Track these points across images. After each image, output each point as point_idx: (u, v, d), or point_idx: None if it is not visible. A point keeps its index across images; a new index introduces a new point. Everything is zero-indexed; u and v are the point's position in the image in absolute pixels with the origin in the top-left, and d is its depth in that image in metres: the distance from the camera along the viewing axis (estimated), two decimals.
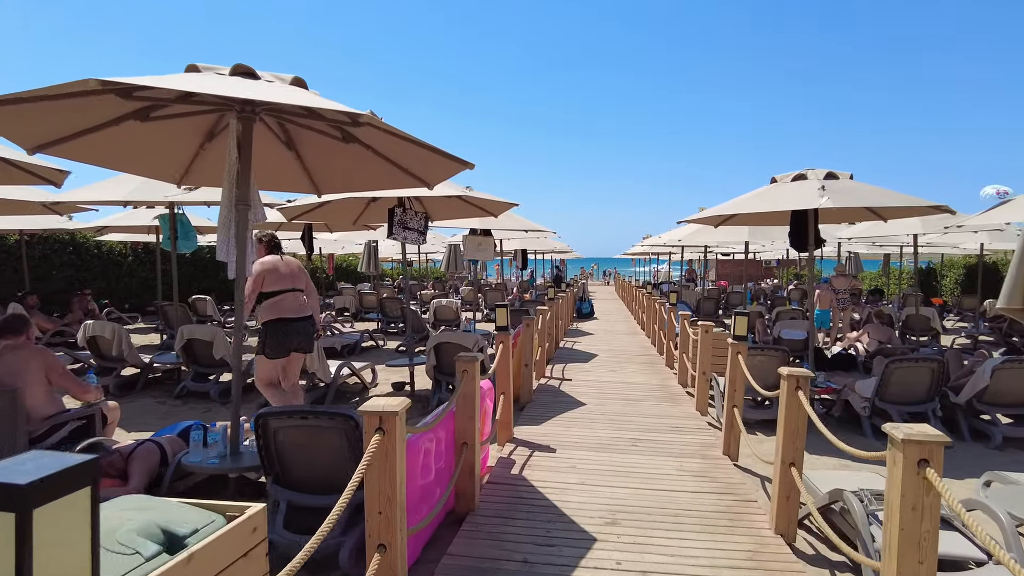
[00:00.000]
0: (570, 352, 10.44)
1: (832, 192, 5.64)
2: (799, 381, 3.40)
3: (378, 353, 10.85)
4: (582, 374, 8.36)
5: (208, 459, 3.64)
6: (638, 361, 9.61)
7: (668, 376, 8.37)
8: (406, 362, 7.15)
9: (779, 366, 6.45)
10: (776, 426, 3.58)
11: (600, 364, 9.23)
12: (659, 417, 6.09)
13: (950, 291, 20.46)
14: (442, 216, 8.16)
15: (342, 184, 4.99)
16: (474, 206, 7.51)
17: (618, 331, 14.06)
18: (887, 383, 5.91)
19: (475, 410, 3.59)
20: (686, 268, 33.99)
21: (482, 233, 10.25)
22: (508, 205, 7.15)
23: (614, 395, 7.05)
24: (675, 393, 7.28)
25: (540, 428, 5.58)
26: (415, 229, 7.01)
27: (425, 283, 28.97)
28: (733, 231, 8.87)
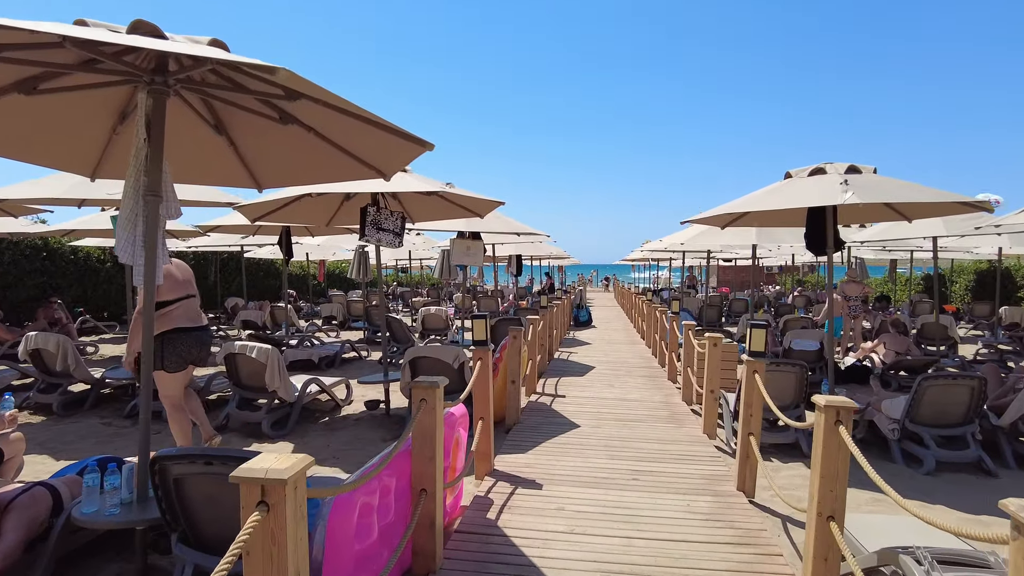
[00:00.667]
0: (564, 364, 9.74)
1: (856, 187, 4.97)
2: (840, 413, 2.70)
3: (360, 365, 10.14)
4: (577, 390, 7.65)
5: (106, 509, 2.94)
6: (638, 374, 8.91)
7: (671, 392, 7.67)
8: (380, 378, 6.45)
9: (796, 382, 5.79)
10: (794, 450, 2.88)
11: (597, 378, 8.52)
12: (662, 442, 5.38)
13: (960, 297, 19.78)
14: (423, 217, 7.47)
15: (286, 176, 4.31)
16: (456, 205, 6.83)
17: (616, 340, 13.36)
18: (919, 403, 5.21)
19: (436, 448, 2.89)
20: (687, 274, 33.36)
21: (471, 236, 9.58)
22: (493, 204, 6.48)
23: (611, 415, 6.34)
24: (679, 412, 6.57)
25: (526, 457, 4.86)
26: (390, 230, 6.34)
27: (420, 290, 28.28)
28: (740, 233, 8.20)
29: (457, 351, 5.76)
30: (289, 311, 13.36)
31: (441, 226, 9.05)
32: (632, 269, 43.48)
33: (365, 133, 3.45)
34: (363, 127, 3.39)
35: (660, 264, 27.10)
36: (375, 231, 6.21)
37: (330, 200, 7.03)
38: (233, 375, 6.22)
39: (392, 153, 3.63)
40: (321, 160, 4.04)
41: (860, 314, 12.00)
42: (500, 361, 5.94)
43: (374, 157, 3.78)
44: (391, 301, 25.66)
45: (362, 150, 3.73)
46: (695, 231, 8.81)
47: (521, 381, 6.36)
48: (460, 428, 3.78)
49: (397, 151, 3.57)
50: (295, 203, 6.71)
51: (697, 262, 28.15)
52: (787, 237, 8.39)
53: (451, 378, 5.83)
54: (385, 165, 3.87)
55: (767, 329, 4.15)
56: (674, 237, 9.47)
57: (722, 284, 35.95)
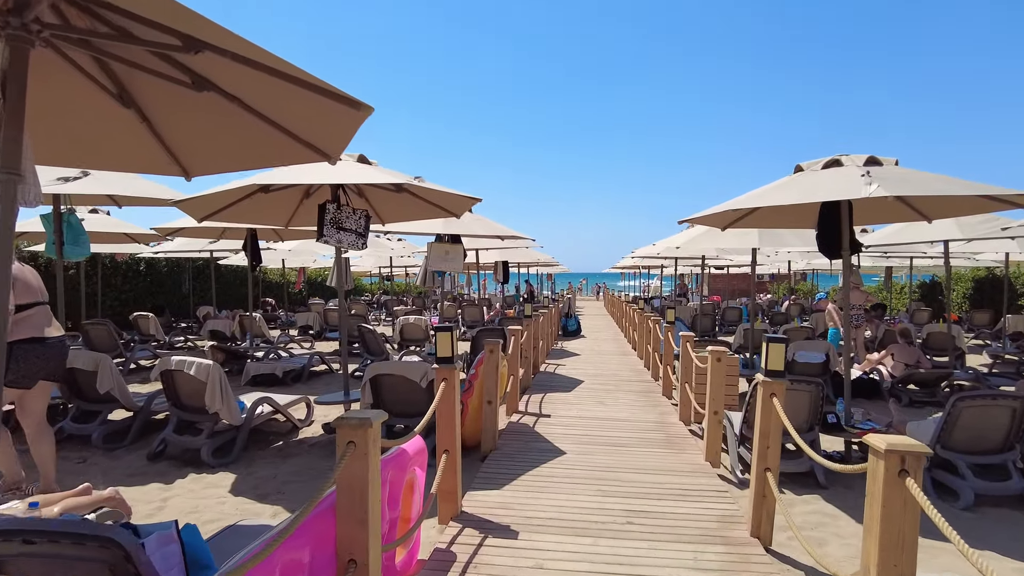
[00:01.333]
0: (551, 379, 9.02)
1: (881, 179, 4.33)
2: (906, 460, 2.01)
3: (330, 380, 9.37)
4: (563, 407, 6.94)
5: None
6: (630, 389, 8.21)
7: (666, 410, 6.97)
8: (341, 397, 5.71)
9: (810, 402, 5.10)
10: (808, 479, 2.19)
11: (586, 393, 7.82)
12: (660, 473, 4.67)
13: (958, 306, 19.32)
14: (394, 217, 6.77)
15: (215, 160, 3.58)
16: (428, 203, 6.14)
17: (607, 351, 12.68)
18: (953, 426, 4.56)
19: (369, 506, 2.17)
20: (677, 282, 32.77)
21: (449, 240, 8.89)
22: (469, 201, 5.78)
23: (602, 438, 5.63)
24: (676, 435, 5.88)
25: (501, 495, 4.13)
26: (352, 230, 5.62)
27: (405, 298, 27.48)
28: (741, 236, 7.57)
29: (426, 368, 5.04)
30: (259, 321, 12.57)
31: (419, 229, 8.36)
32: (621, 277, 42.95)
33: (293, 98, 2.74)
34: (289, 91, 2.69)
35: (651, 272, 26.49)
36: (335, 231, 5.50)
37: (287, 197, 6.31)
38: (171, 394, 5.46)
39: (329, 123, 2.93)
40: (253, 139, 3.33)
41: (863, 324, 11.42)
42: (475, 379, 5.23)
43: (309, 131, 3.07)
44: (374, 310, 24.87)
45: (294, 121, 3.02)
46: (691, 235, 8.17)
47: (500, 400, 5.65)
48: (415, 467, 3.06)
49: (334, 121, 2.86)
50: (246, 200, 5.99)
51: (688, 270, 27.61)
52: (792, 240, 7.76)
53: (419, 399, 5.11)
54: (324, 141, 3.16)
55: (784, 345, 3.48)
56: (669, 241, 8.83)
57: (713, 292, 35.42)
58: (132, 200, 6.62)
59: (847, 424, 5.30)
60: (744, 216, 6.21)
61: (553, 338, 13.66)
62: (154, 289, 18.45)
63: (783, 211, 6.21)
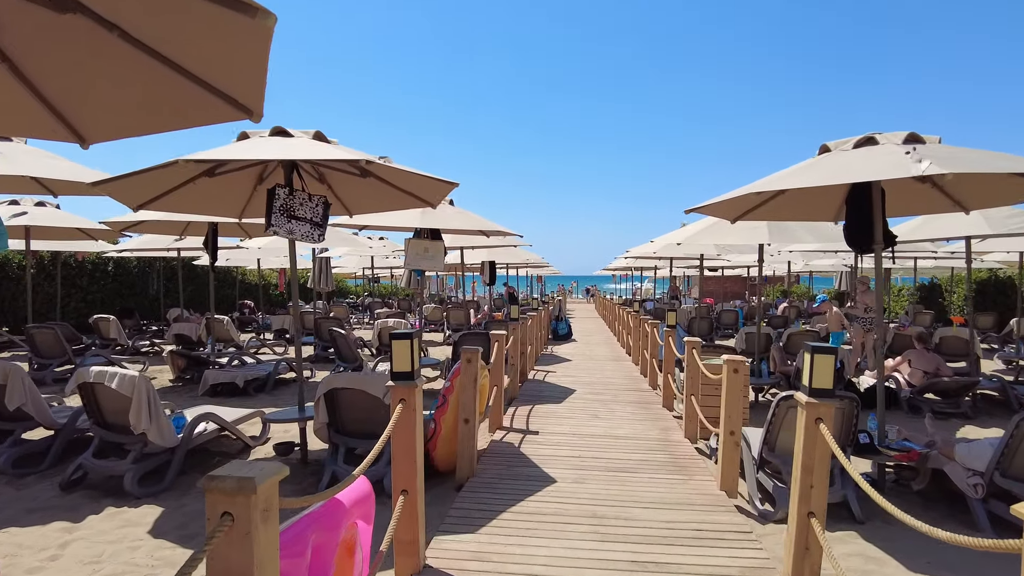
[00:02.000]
0: (540, 388, 8.26)
1: (931, 156, 3.63)
2: None
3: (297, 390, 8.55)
4: (554, 423, 6.18)
5: None
6: (627, 399, 7.47)
7: (669, 424, 6.24)
8: (294, 415, 4.92)
9: (842, 421, 4.34)
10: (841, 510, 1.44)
11: (578, 405, 7.06)
12: (669, 508, 3.92)
13: (959, 308, 18.77)
14: (361, 206, 6.00)
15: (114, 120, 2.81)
16: (398, 190, 5.37)
17: (599, 356, 11.95)
18: (1016, 450, 3.85)
19: None
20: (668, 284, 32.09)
21: (428, 235, 8.10)
22: (444, 186, 5.02)
23: (598, 461, 4.88)
24: (683, 455, 5.14)
25: (477, 540, 3.36)
26: (306, 219, 4.84)
27: (390, 300, 26.61)
28: (749, 230, 6.87)
29: None
30: (227, 324, 11.73)
31: (393, 222, 7.58)
32: (613, 279, 42.30)
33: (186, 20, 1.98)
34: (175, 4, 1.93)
35: (643, 274, 25.82)
36: (284, 220, 4.72)
37: (237, 184, 5.52)
38: (92, 411, 4.64)
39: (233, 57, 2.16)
40: (150, 90, 2.55)
41: (872, 328, 10.76)
42: (450, 392, 4.46)
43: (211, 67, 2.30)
44: (357, 312, 23.98)
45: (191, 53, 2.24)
46: (693, 230, 7.46)
47: (480, 417, 4.89)
48: (356, 520, 2.30)
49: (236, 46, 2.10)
50: (189, 187, 5.18)
51: (681, 272, 26.94)
52: (803, 235, 7.05)
53: (383, 418, 4.32)
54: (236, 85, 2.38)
55: (833, 356, 2.74)
56: (668, 238, 8.11)
57: (705, 295, 34.86)
58: (57, 185, 5.78)
59: (881, 444, 4.59)
60: (758, 206, 5.50)
61: (543, 342, 12.92)
62: (124, 290, 17.52)
63: (800, 201, 5.51)
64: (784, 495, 4.03)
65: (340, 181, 5.64)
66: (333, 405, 4.46)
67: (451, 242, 10.58)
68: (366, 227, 8.84)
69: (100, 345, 12.04)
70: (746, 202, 5.21)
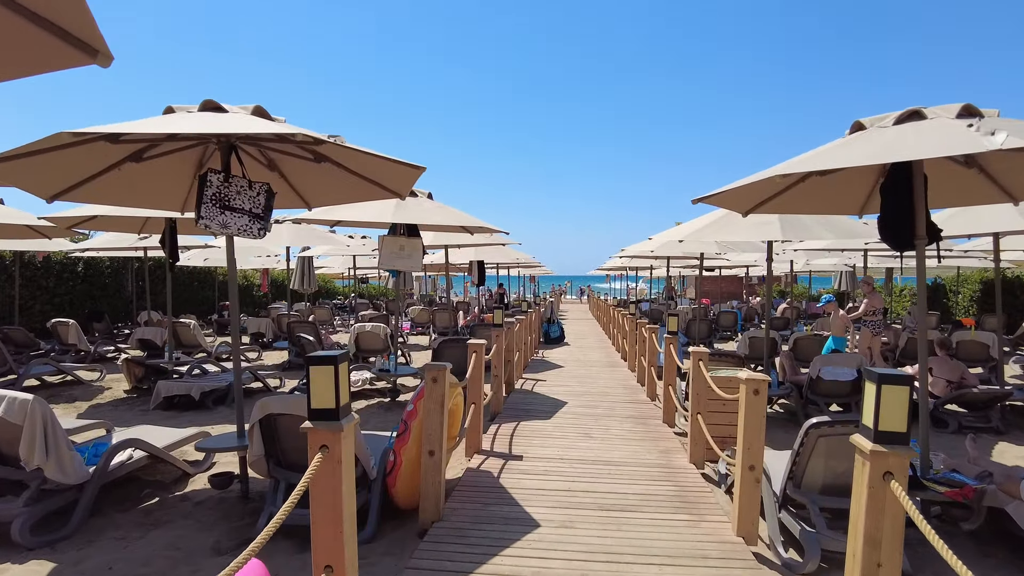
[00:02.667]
0: (528, 399, 7.52)
1: (1008, 131, 2.91)
2: None
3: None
4: (541, 443, 5.44)
5: None
6: (623, 413, 6.73)
7: (671, 444, 5.51)
8: (233, 442, 4.16)
9: None
10: None
11: (569, 420, 6.32)
12: (676, 563, 3.19)
13: (964, 310, 18.16)
14: (321, 197, 5.23)
15: None
16: (357, 175, 4.62)
17: (593, 361, 11.22)
18: None
19: None
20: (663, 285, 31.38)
21: (404, 232, 7.36)
22: (409, 172, 4.27)
23: (589, 496, 4.14)
24: (690, 487, 4.41)
25: None
26: (244, 211, 4.10)
27: (378, 301, 25.79)
28: (759, 226, 6.15)
29: None
30: (194, 328, 10.93)
31: (366, 216, 6.83)
32: (607, 279, 41.61)
33: None
34: None
35: (638, 274, 25.11)
36: (217, 211, 3.98)
37: (173, 171, 4.75)
38: None
39: None
40: None
41: (881, 332, 10.08)
42: (413, 417, 3.72)
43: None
44: (344, 314, 23.17)
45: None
46: (696, 227, 6.73)
47: (451, 444, 4.15)
48: None
49: None
50: (114, 174, 4.41)
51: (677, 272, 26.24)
52: (817, 230, 6.33)
53: None
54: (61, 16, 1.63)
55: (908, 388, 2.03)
56: (669, 234, 7.38)
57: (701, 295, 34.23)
58: None
59: (925, 477, 3.88)
60: (773, 197, 4.79)
61: (533, 347, 12.18)
62: (95, 292, 16.65)
63: (821, 191, 4.80)
64: (813, 542, 3.31)
65: (294, 169, 4.89)
66: (271, 433, 3.71)
67: (434, 240, 9.83)
68: (340, 223, 8.09)
69: (59, 351, 11.23)
70: (763, 190, 4.49)
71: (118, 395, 8.23)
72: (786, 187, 4.69)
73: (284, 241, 10.78)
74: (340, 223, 8.00)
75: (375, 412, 7.10)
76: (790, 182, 4.52)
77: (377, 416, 6.89)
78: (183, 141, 4.34)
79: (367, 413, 7.05)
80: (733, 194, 4.22)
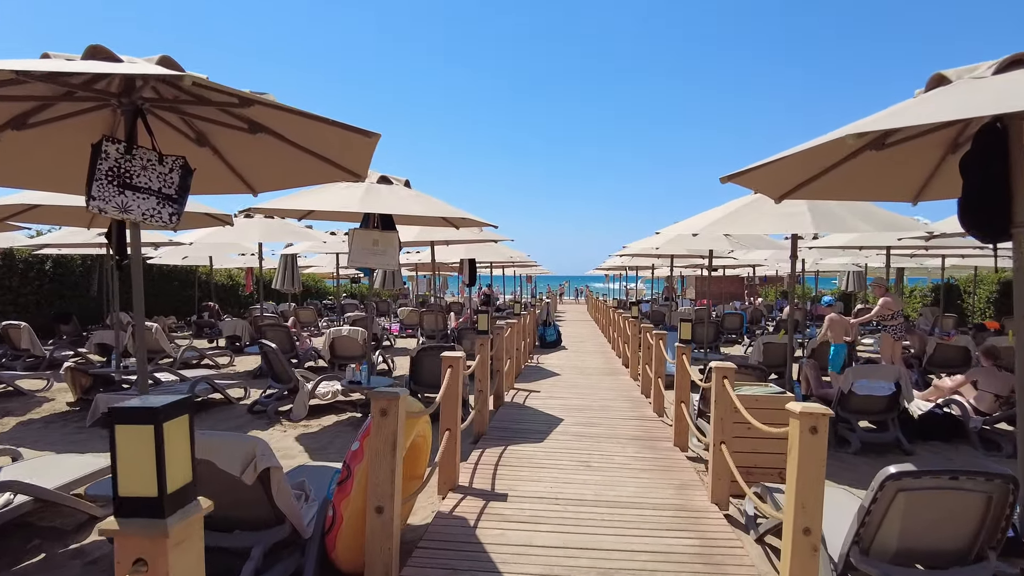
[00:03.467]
0: (518, 416, 6.62)
1: None
2: None
3: (224, 416, 6.90)
4: (529, 475, 4.54)
5: None
6: (627, 433, 5.85)
7: (685, 475, 4.63)
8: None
9: (979, 512, 2.63)
10: None
11: (565, 444, 5.43)
12: None
13: (981, 311, 17.31)
14: (267, 180, 4.34)
15: None
16: (302, 150, 3.73)
17: (592, 369, 10.32)
18: None
19: None
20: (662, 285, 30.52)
21: (378, 225, 6.47)
22: (361, 143, 3.36)
23: (590, 556, 3.24)
24: (715, 535, 3.52)
25: None
26: (151, 190, 3.21)
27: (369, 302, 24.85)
28: (785, 216, 5.27)
29: (253, 448, 2.61)
30: (156, 331, 10.03)
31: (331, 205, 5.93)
32: (606, 279, 40.72)
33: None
34: None
35: (638, 274, 24.22)
36: (114, 191, 3.10)
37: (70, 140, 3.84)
38: None
39: None
40: None
41: (902, 337, 9.22)
42: (357, 461, 2.83)
43: None
44: (334, 315, 22.23)
45: None
46: (712, 217, 5.84)
47: (409, 494, 3.26)
48: None
49: None
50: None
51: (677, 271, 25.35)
52: (855, 222, 5.43)
53: (246, 500, 2.69)
54: None
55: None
56: (680, 227, 6.48)
57: (701, 296, 33.27)
58: None
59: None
60: (816, 177, 3.91)
61: (527, 352, 11.29)
62: (65, 292, 15.72)
63: (871, 172, 3.93)
64: None
65: (229, 143, 3.99)
66: None
67: (419, 236, 8.95)
68: (308, 215, 7.20)
69: (11, 357, 10.32)
70: (810, 165, 3.62)
71: (60, 408, 7.33)
72: (830, 166, 3.81)
73: (255, 237, 9.88)
74: (307, 215, 7.12)
75: (344, 430, 6.21)
76: (837, 159, 3.64)
77: (345, 435, 6.00)
78: (78, 103, 3.44)
79: (334, 432, 6.15)
80: (772, 170, 3.34)
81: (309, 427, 6.38)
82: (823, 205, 5.47)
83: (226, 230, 9.12)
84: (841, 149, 3.34)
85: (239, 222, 9.55)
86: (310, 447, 5.63)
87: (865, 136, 2.36)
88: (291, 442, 5.81)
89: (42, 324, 13.28)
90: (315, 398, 6.95)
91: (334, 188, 5.82)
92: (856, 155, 3.68)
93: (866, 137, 2.90)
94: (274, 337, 9.68)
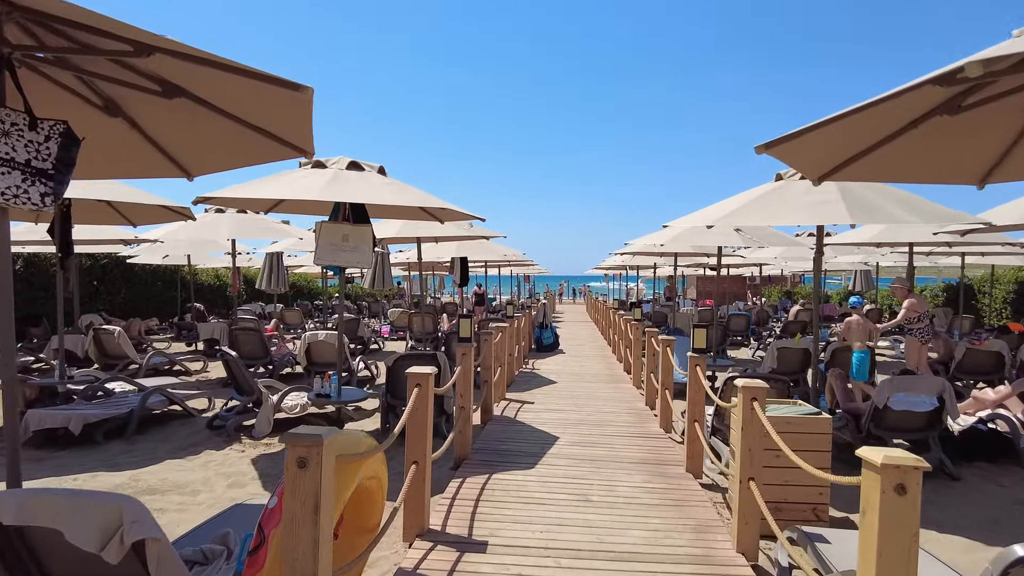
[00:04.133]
0: (507, 434, 5.88)
1: None
2: None
3: (182, 430, 6.16)
4: (516, 513, 3.80)
5: None
6: (632, 456, 5.11)
7: (701, 512, 3.89)
8: None
9: None
10: None
11: (561, 471, 4.68)
12: None
13: (997, 312, 16.57)
14: (199, 160, 3.59)
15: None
16: (226, 116, 2.98)
17: (591, 376, 9.58)
18: None
19: None
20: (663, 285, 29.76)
21: (349, 218, 5.73)
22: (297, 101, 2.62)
23: None
24: None
25: None
26: (12, 162, 2.48)
27: (361, 303, 24.11)
28: (816, 205, 4.54)
29: (118, 508, 1.86)
30: (119, 336, 9.27)
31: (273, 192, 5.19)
32: (605, 279, 39.98)
33: None
34: None
35: (639, 273, 23.47)
36: None
37: None
38: None
39: None
40: None
41: (929, 341, 8.50)
42: (273, 524, 2.08)
43: None
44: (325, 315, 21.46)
45: None
46: (730, 207, 5.09)
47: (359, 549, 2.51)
48: None
49: None
50: None
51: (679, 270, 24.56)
52: (898, 212, 4.67)
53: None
54: None
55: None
56: (692, 219, 5.73)
57: (702, 296, 32.53)
58: None
59: None
60: (867, 152, 3.18)
61: (522, 357, 10.54)
62: (36, 294, 14.97)
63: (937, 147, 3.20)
64: None
65: (146, 112, 3.24)
66: (31, 551, 2.07)
67: (400, 231, 8.20)
68: (277, 207, 6.47)
69: None
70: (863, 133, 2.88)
71: None
72: (886, 137, 3.08)
73: (225, 233, 9.14)
74: (275, 206, 6.38)
75: None
76: (901, 124, 2.90)
77: None
78: None
79: None
80: (818, 138, 2.61)
81: (271, 447, 5.64)
82: (856, 191, 4.73)
83: (190, 225, 8.37)
84: (913, 109, 2.61)
85: (207, 217, 8.81)
86: (267, 472, 4.88)
87: (992, 64, 1.62)
88: (246, 465, 5.07)
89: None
90: (282, 412, 6.21)
91: (294, 174, 5.09)
92: (921, 122, 2.94)
93: (994, 64, 2.11)
94: (245, 342, 8.94)
